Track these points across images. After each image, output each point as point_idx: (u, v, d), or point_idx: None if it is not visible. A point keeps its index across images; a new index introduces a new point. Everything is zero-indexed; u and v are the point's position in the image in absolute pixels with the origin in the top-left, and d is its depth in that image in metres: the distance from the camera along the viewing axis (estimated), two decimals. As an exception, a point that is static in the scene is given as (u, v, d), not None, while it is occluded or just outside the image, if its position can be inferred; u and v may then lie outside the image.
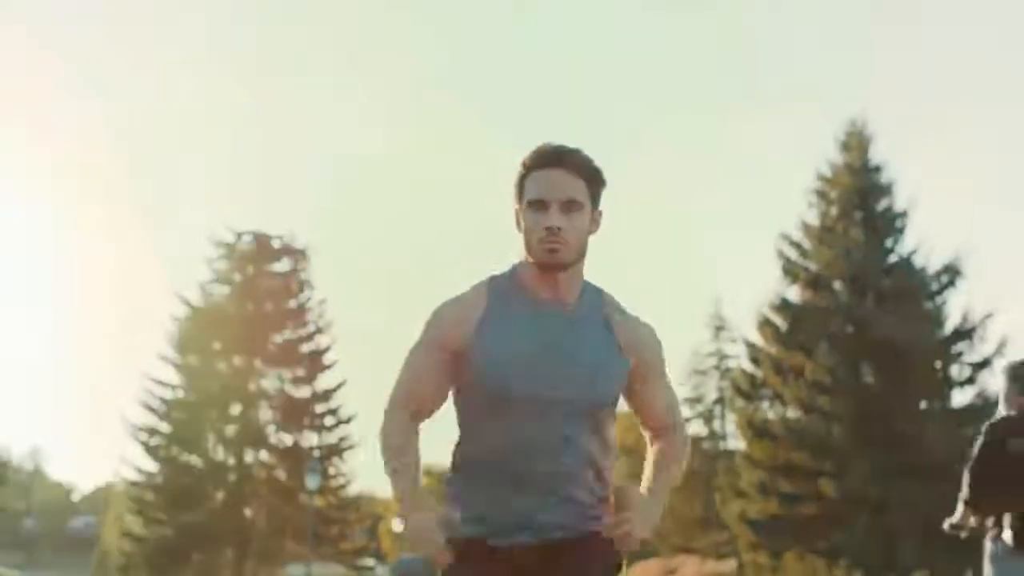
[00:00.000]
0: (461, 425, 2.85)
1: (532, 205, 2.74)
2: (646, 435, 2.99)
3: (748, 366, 29.51)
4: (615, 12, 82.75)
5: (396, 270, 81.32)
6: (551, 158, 2.74)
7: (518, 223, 2.80)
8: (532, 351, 2.72)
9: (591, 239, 2.81)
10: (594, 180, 2.77)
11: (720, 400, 42.74)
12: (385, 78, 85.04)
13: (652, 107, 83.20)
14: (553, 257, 2.71)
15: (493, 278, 2.84)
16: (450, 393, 2.85)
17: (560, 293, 2.77)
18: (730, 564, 33.10)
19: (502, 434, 2.73)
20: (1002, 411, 5.58)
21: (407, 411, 2.84)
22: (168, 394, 34.82)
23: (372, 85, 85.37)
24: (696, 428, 41.51)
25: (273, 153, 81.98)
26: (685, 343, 44.19)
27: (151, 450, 34.53)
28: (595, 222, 2.80)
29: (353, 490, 37.39)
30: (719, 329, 43.28)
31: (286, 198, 74.34)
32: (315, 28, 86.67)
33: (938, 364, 26.87)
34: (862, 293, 27.16)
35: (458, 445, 2.86)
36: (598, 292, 2.86)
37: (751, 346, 29.13)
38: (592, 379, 2.74)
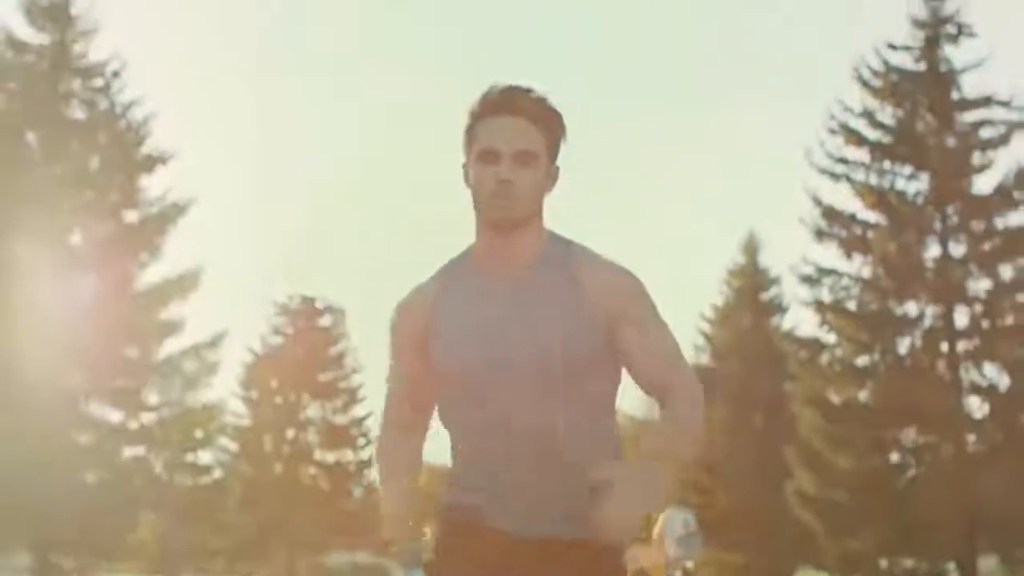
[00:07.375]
0: (441, 418, 2.56)
1: (482, 156, 2.39)
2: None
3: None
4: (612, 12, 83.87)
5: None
6: (502, 103, 2.39)
7: (466, 178, 2.44)
8: (485, 327, 2.40)
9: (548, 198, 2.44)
10: (551, 127, 2.42)
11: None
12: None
13: (648, 107, 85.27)
14: (504, 214, 2.37)
15: (448, 261, 2.53)
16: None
17: (514, 258, 2.42)
18: (674, 553, 42.66)
19: (475, 423, 2.42)
20: None
21: (395, 428, 2.61)
22: (236, 421, 42.43)
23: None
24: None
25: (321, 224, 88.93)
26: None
27: (222, 465, 41.32)
28: (552, 178, 2.44)
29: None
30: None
31: (336, 268, 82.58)
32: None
33: (807, 412, 35.97)
34: (749, 362, 36.08)
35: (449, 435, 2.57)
36: (565, 245, 2.47)
37: (677, 395, 39.20)
38: (551, 344, 2.36)
